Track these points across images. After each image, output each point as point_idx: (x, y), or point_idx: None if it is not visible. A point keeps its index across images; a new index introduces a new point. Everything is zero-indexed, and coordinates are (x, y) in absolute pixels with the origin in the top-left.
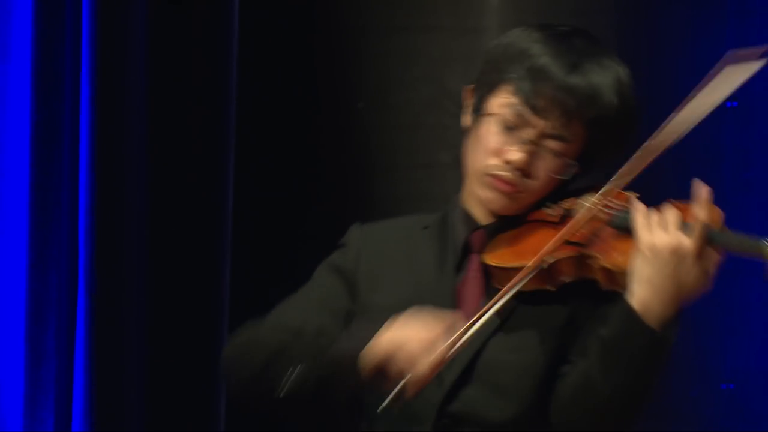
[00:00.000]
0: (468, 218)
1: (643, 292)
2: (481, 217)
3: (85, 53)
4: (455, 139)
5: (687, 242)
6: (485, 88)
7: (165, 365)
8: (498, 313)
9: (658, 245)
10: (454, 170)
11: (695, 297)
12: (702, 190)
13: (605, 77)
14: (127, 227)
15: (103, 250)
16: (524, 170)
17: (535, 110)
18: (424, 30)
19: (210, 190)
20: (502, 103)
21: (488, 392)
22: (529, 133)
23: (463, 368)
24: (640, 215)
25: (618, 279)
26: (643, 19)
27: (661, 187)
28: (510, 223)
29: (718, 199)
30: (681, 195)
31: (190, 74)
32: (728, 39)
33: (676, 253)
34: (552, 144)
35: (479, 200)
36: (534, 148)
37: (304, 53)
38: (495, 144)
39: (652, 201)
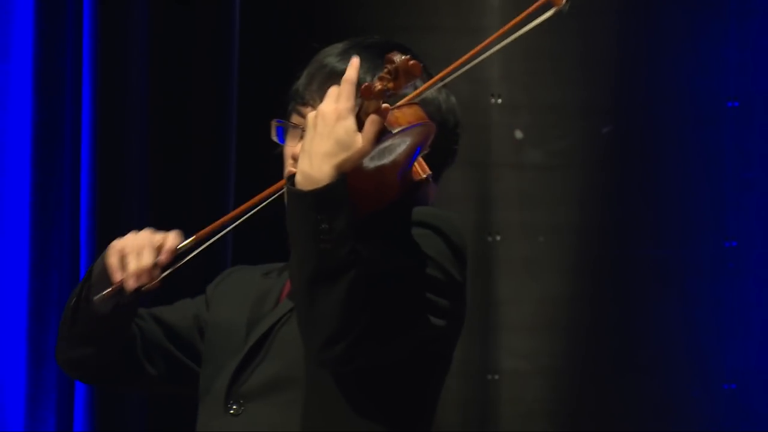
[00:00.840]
0: None
1: (300, 163)
2: None
3: (86, 53)
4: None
5: (324, 106)
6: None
7: None
8: (288, 301)
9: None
10: (456, 170)
11: (358, 155)
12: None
13: (364, 60)
14: (127, 227)
15: (104, 250)
16: None
17: (305, 101)
18: (426, 30)
19: (212, 191)
20: (289, 112)
21: (271, 362)
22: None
23: (250, 348)
24: None
25: None
26: (644, 20)
27: (661, 188)
28: None
29: (720, 199)
30: (683, 194)
31: (192, 74)
32: (730, 39)
33: (315, 117)
34: None
35: None
36: None
37: (305, 53)
38: (287, 150)
39: (655, 200)
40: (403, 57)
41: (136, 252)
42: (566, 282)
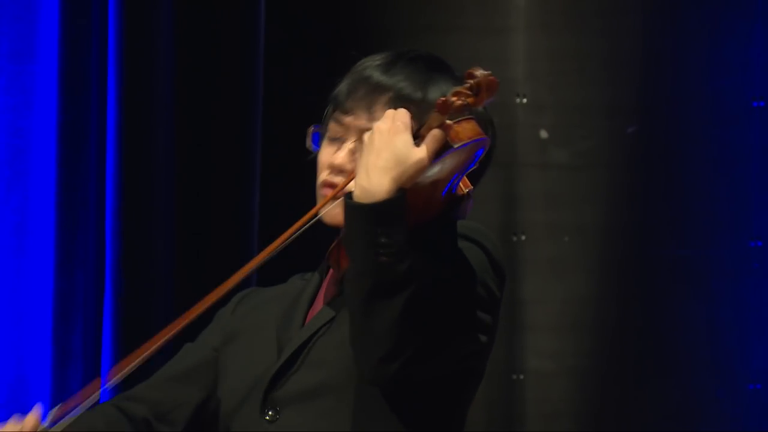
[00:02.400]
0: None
1: (356, 181)
2: None
3: (111, 53)
4: None
5: (381, 124)
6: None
7: None
8: (332, 306)
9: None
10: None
11: (414, 169)
12: None
13: (417, 77)
14: (153, 227)
15: (129, 250)
16: (347, 171)
17: (346, 110)
18: (451, 30)
19: (237, 189)
20: (327, 120)
21: (307, 369)
22: (347, 134)
23: (288, 357)
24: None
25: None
26: (669, 20)
27: (686, 188)
28: None
29: (744, 199)
30: (708, 194)
31: (217, 73)
32: (756, 39)
33: (371, 134)
34: None
35: (324, 221)
36: (353, 146)
37: (330, 53)
38: (324, 158)
39: (679, 200)
40: (484, 72)
41: None
42: (591, 282)
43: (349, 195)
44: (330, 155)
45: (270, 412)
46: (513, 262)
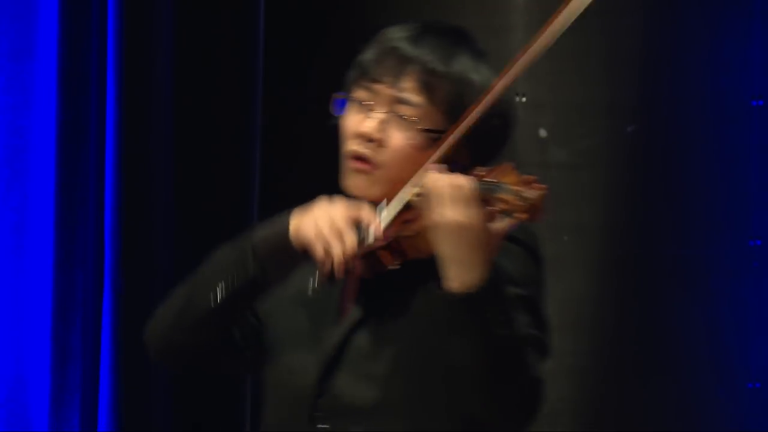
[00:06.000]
0: None
1: (448, 268)
2: None
3: (111, 51)
4: None
5: (470, 219)
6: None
7: None
8: (366, 301)
9: (446, 225)
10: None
11: (494, 246)
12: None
13: (443, 50)
14: (152, 226)
15: (128, 248)
16: (378, 140)
17: (374, 78)
18: None
19: (236, 188)
20: (351, 86)
21: (357, 380)
22: (376, 102)
23: (331, 358)
24: (425, 192)
25: (417, 244)
26: (669, 19)
27: (685, 187)
28: None
29: (744, 198)
30: (708, 193)
31: (216, 72)
32: (755, 38)
33: (460, 230)
34: (400, 109)
35: (349, 192)
36: (383, 116)
37: (330, 51)
38: (351, 124)
39: (679, 199)
40: (539, 192)
41: (337, 235)
42: (590, 281)
43: (438, 287)
44: (358, 122)
45: (321, 425)
46: None
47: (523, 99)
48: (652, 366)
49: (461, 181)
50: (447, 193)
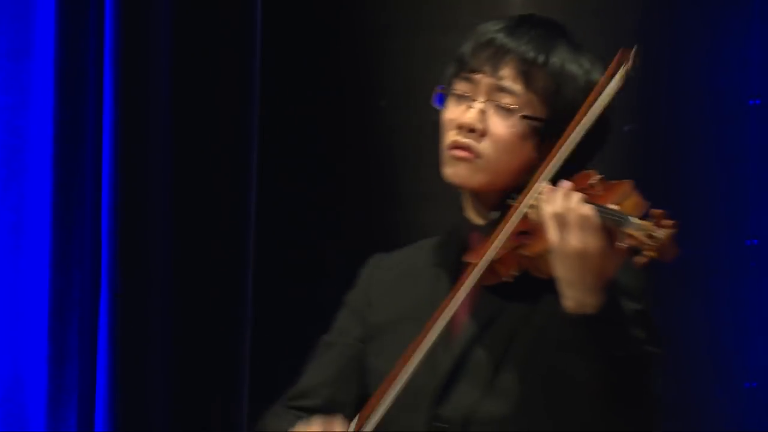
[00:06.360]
0: (466, 223)
1: (567, 290)
2: (478, 219)
3: (108, 51)
4: None
5: (591, 245)
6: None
7: (188, 364)
8: (482, 310)
9: (566, 250)
10: None
11: (614, 271)
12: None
13: (542, 42)
14: (150, 226)
15: (126, 248)
16: (478, 130)
17: (473, 68)
18: (448, 28)
19: (234, 188)
20: (451, 80)
21: (480, 391)
22: (476, 93)
23: (452, 368)
24: (547, 217)
25: (539, 265)
26: (667, 19)
27: (682, 186)
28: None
29: (741, 197)
30: (705, 193)
31: (215, 72)
32: (752, 37)
33: (581, 256)
34: (499, 98)
35: (450, 181)
36: (483, 106)
37: (328, 51)
38: (451, 116)
39: (676, 198)
40: (667, 231)
41: None
42: None
43: (576, 316)
44: (458, 114)
45: None
46: None
47: None
48: None
49: (586, 210)
50: (572, 221)
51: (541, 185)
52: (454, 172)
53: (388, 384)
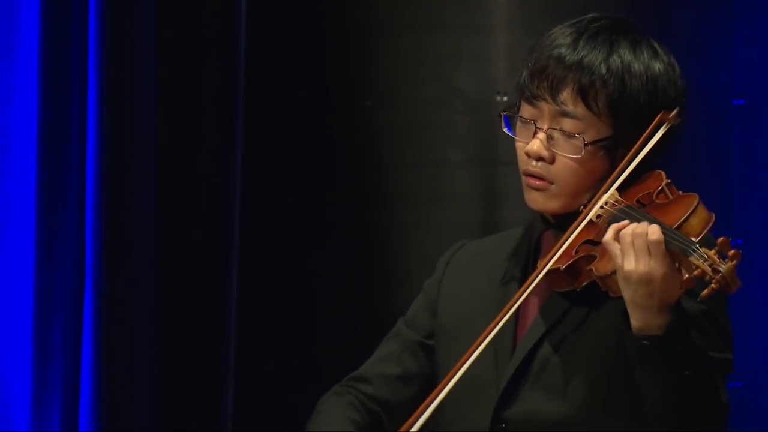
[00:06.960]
0: (542, 220)
1: (633, 312)
2: (550, 217)
3: (92, 51)
4: (463, 137)
5: (657, 270)
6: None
7: (172, 364)
8: (549, 313)
9: (631, 274)
10: (463, 168)
11: (679, 295)
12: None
13: (599, 52)
14: (134, 226)
15: (110, 248)
16: (545, 158)
17: (534, 95)
18: (433, 28)
19: (219, 188)
20: (518, 102)
21: (543, 392)
22: (540, 119)
23: (516, 370)
24: (612, 242)
25: (608, 284)
26: (651, 19)
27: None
28: (565, 223)
29: (726, 197)
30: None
31: (199, 72)
32: (736, 37)
33: (646, 280)
34: (562, 123)
35: (530, 207)
36: (545, 133)
37: (313, 51)
38: (520, 144)
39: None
40: (730, 266)
41: None
42: None
43: (643, 336)
44: (526, 139)
45: None
46: None
47: (505, 98)
48: None
49: (655, 235)
50: (638, 245)
51: (609, 193)
52: (532, 199)
53: (445, 383)
